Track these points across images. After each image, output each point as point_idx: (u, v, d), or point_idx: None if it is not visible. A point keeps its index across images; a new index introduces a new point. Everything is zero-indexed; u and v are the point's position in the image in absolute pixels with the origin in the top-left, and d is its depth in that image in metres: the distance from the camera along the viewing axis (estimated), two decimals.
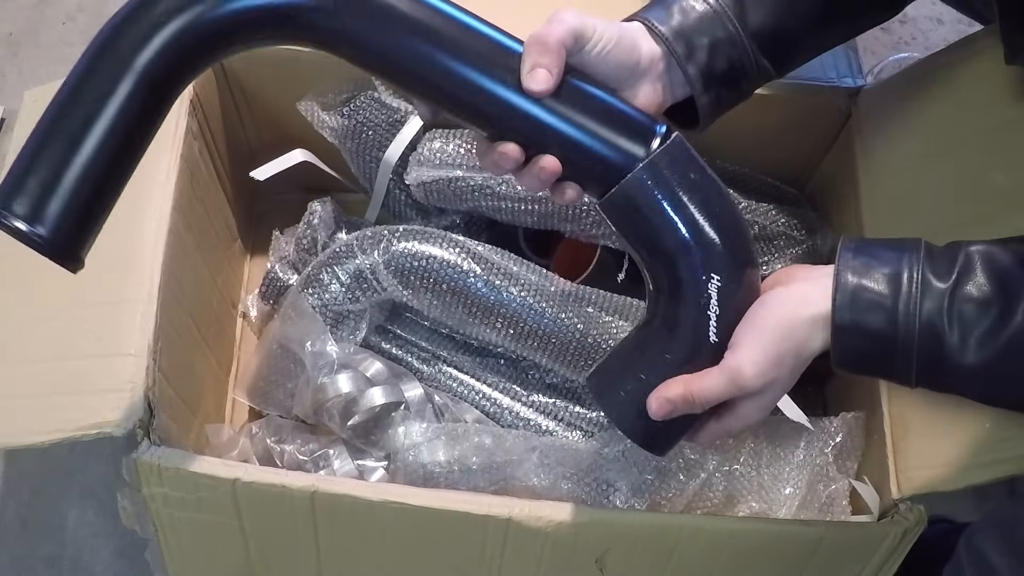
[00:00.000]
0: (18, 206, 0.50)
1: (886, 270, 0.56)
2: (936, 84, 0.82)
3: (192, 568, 0.77)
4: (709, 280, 0.58)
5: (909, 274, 0.56)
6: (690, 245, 0.57)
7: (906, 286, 0.56)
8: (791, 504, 0.78)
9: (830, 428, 0.79)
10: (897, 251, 0.57)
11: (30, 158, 0.51)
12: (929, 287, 0.56)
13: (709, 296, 0.58)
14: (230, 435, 0.86)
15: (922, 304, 0.55)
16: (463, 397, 0.87)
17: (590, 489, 0.77)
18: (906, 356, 0.56)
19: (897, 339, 0.56)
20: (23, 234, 0.51)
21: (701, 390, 0.57)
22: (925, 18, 1.38)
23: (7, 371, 0.70)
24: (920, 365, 0.56)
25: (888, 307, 0.56)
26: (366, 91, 0.90)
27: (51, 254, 0.52)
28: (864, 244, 0.59)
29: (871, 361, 0.58)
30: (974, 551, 0.58)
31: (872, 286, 0.56)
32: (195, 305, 0.83)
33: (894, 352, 0.56)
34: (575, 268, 0.88)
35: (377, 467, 0.85)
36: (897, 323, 0.56)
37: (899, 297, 0.56)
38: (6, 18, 1.33)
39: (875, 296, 0.56)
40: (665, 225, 0.57)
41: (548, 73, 0.56)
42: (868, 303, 0.56)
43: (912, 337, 0.55)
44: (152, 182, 0.78)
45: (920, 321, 0.55)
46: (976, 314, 0.55)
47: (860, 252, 0.58)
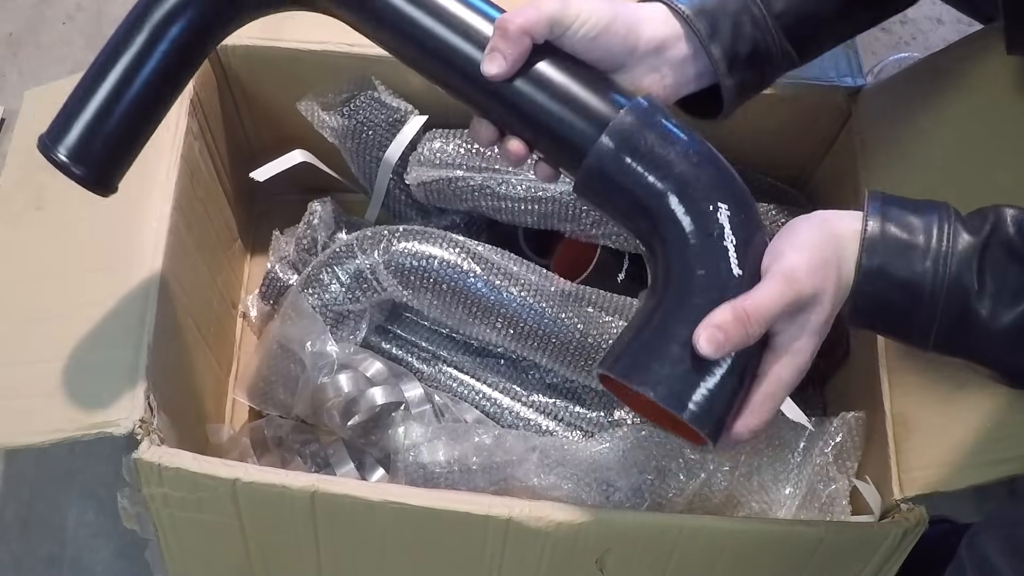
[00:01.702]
0: (64, 146, 0.59)
1: (917, 219, 0.54)
2: (936, 84, 0.82)
3: (192, 568, 0.77)
4: (717, 209, 0.55)
5: (940, 225, 0.54)
6: (688, 179, 0.55)
7: (936, 235, 0.54)
8: (791, 504, 0.78)
9: (830, 428, 0.78)
10: (928, 204, 0.56)
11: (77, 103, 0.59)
12: (960, 238, 0.53)
13: (722, 226, 0.55)
14: (230, 435, 0.86)
15: (953, 257, 0.53)
16: (463, 397, 0.87)
17: (590, 489, 0.76)
18: (931, 309, 0.54)
19: (924, 290, 0.53)
20: (67, 168, 0.59)
21: (755, 303, 0.52)
22: (925, 18, 1.38)
23: (7, 371, 0.70)
24: (944, 321, 0.54)
25: (919, 255, 0.53)
26: (366, 91, 0.90)
27: (88, 187, 0.60)
28: (892, 196, 0.56)
29: (891, 312, 0.55)
30: (976, 552, 0.58)
31: (901, 233, 0.54)
32: (195, 305, 0.83)
33: (918, 305, 0.54)
34: (575, 268, 0.88)
35: (377, 467, 0.85)
36: (926, 272, 0.53)
37: (930, 246, 0.53)
38: (6, 18, 1.34)
39: (905, 243, 0.53)
40: (656, 167, 0.55)
41: (503, 59, 0.55)
42: (898, 247, 0.53)
43: (940, 290, 0.53)
44: (152, 182, 0.78)
45: (950, 272, 0.53)
46: (1007, 270, 0.53)
47: (889, 201, 0.55)
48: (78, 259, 0.75)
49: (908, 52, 1.31)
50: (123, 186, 0.78)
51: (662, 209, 0.56)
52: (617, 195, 0.57)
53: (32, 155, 0.81)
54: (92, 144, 0.59)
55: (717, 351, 0.51)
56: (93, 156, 0.59)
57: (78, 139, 0.59)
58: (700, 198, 0.56)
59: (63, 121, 0.59)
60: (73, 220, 0.77)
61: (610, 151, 0.56)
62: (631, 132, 0.56)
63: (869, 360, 0.79)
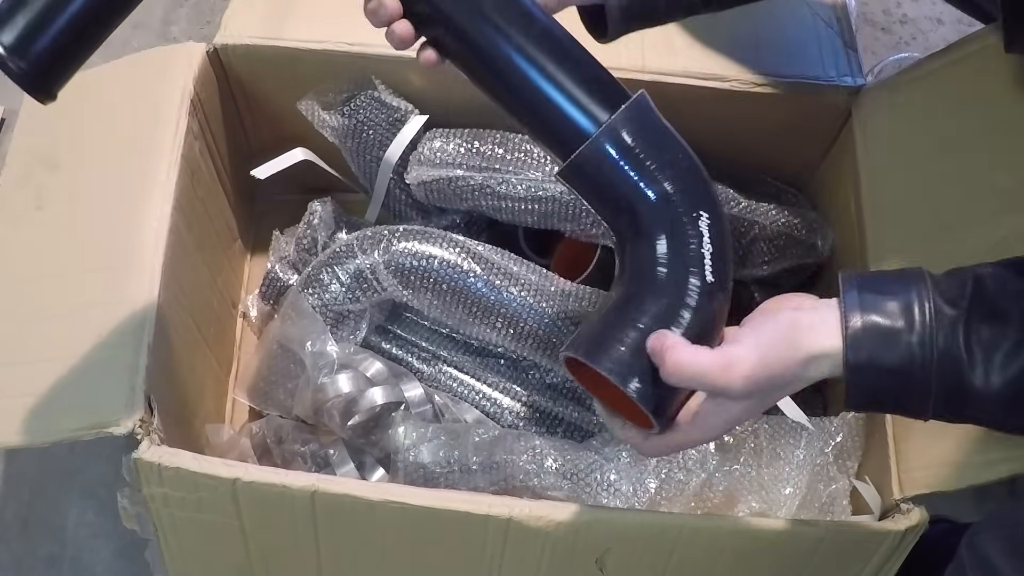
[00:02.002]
0: (5, 36, 0.52)
1: (895, 303, 0.54)
2: (936, 84, 0.82)
3: (192, 568, 0.77)
4: (699, 217, 0.56)
5: (920, 304, 0.54)
6: (676, 185, 0.56)
7: (919, 316, 0.54)
8: (791, 504, 0.78)
9: (830, 428, 0.78)
10: (902, 282, 0.55)
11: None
12: (942, 314, 0.53)
13: (702, 233, 0.56)
14: (230, 435, 0.86)
15: (938, 333, 0.53)
16: (463, 397, 0.87)
17: (590, 489, 0.76)
18: (924, 388, 0.54)
19: (915, 372, 0.53)
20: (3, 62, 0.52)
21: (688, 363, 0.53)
22: (925, 18, 1.38)
23: (7, 371, 0.70)
24: (939, 396, 0.54)
25: (904, 340, 0.53)
26: (366, 90, 0.90)
27: (26, 87, 0.54)
28: (866, 279, 0.56)
29: (886, 397, 0.55)
30: (976, 552, 0.58)
31: (883, 321, 0.54)
32: (195, 305, 0.83)
33: (911, 385, 0.54)
34: (575, 268, 0.88)
35: (377, 467, 0.85)
36: (914, 356, 0.53)
37: (913, 329, 0.53)
38: None
39: (888, 330, 0.54)
40: (647, 169, 0.56)
41: None
42: (882, 339, 0.54)
43: (931, 368, 0.53)
44: (152, 182, 0.78)
45: (938, 350, 0.53)
46: (993, 334, 0.53)
47: (864, 287, 0.55)
48: (78, 259, 0.75)
49: (908, 52, 1.31)
50: (123, 186, 0.79)
51: (648, 210, 0.57)
52: (603, 190, 0.58)
53: (32, 155, 0.81)
54: (37, 39, 0.53)
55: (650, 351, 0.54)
56: (36, 53, 0.53)
57: (23, 30, 0.53)
58: (686, 204, 0.57)
59: (8, 9, 0.53)
60: (73, 220, 0.77)
61: (602, 149, 0.56)
62: (625, 132, 0.57)
63: None
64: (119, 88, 0.84)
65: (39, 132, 0.83)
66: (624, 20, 0.65)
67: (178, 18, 1.34)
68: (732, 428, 0.58)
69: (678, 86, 0.86)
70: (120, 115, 0.82)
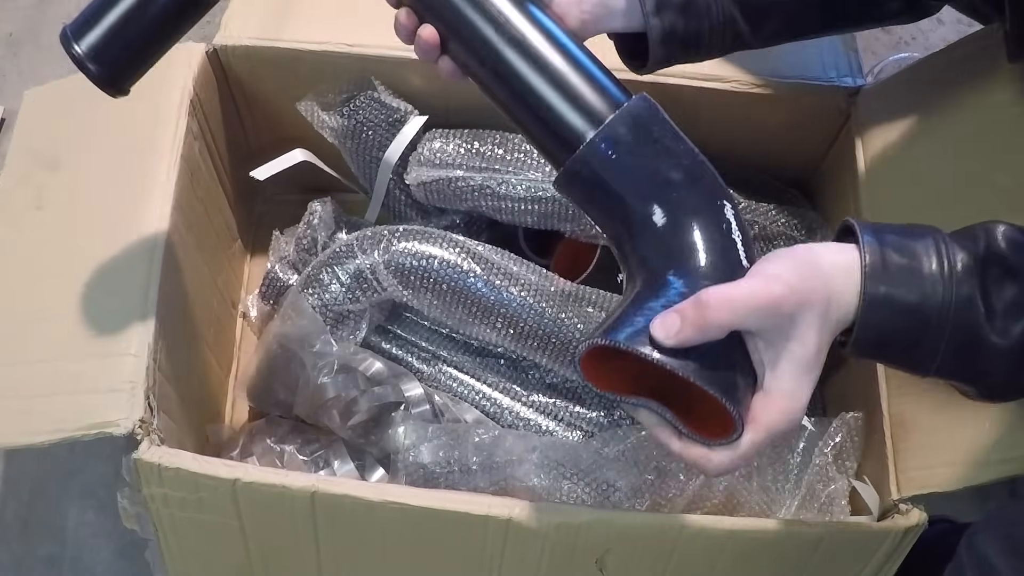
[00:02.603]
0: (84, 44, 0.61)
1: (914, 243, 0.52)
2: (936, 84, 0.82)
3: (192, 568, 0.77)
4: (724, 206, 0.55)
5: (937, 246, 0.52)
6: (695, 175, 0.55)
7: (936, 258, 0.52)
8: (791, 504, 0.78)
9: (829, 428, 0.78)
10: (918, 228, 0.54)
11: (103, 4, 0.61)
12: (959, 258, 0.52)
13: (729, 220, 0.54)
14: (230, 435, 0.86)
15: (957, 275, 0.51)
16: (463, 397, 0.87)
17: (590, 489, 0.76)
18: (937, 333, 0.52)
19: (931, 315, 0.51)
20: (82, 64, 0.62)
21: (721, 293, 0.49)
22: None
23: (7, 371, 0.70)
24: (950, 345, 0.52)
25: (923, 278, 0.51)
26: (366, 91, 0.90)
27: (101, 86, 0.63)
28: (880, 224, 0.54)
29: (897, 339, 0.53)
30: (975, 552, 0.58)
31: (902, 259, 0.52)
32: (195, 305, 0.83)
33: (927, 327, 0.52)
34: (575, 268, 0.88)
35: (377, 467, 0.85)
36: (933, 296, 0.51)
37: (932, 268, 0.51)
38: (6, 18, 1.33)
39: (908, 267, 0.51)
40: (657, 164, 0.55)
41: None
42: (901, 273, 0.51)
43: (948, 313, 0.51)
44: (152, 182, 0.78)
45: (956, 293, 0.51)
46: (1004, 287, 0.51)
47: (881, 229, 0.53)
48: (78, 259, 0.75)
49: (908, 52, 1.31)
50: (123, 186, 0.79)
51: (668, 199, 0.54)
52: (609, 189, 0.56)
53: (32, 155, 0.81)
54: (112, 46, 0.62)
55: (667, 336, 0.49)
56: (110, 58, 0.62)
57: (99, 39, 0.61)
58: (710, 191, 0.55)
59: (88, 18, 0.61)
60: (73, 220, 0.77)
61: (601, 152, 0.55)
62: (625, 131, 0.55)
63: (868, 360, 0.79)
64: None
65: (39, 132, 0.83)
66: (666, 46, 0.62)
67: None
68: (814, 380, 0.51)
69: (678, 87, 0.86)
70: (120, 115, 0.82)
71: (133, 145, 0.80)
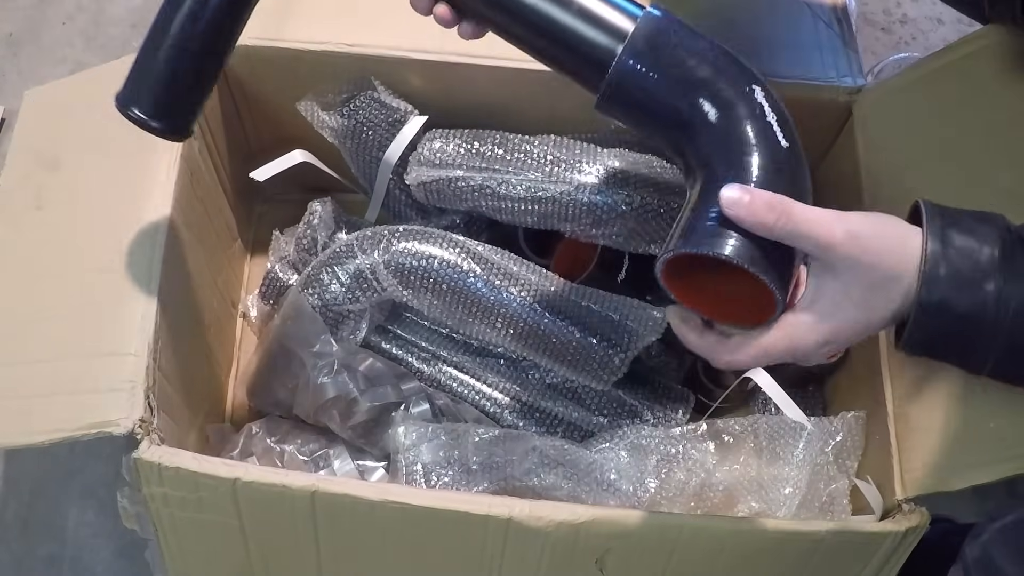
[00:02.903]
0: (141, 107, 0.65)
1: (977, 244, 0.52)
2: (936, 84, 0.82)
3: (192, 568, 0.77)
4: (753, 91, 0.56)
5: (1002, 250, 0.52)
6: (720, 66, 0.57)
7: (1000, 264, 0.51)
8: (791, 504, 0.78)
9: (830, 428, 0.78)
10: (986, 224, 0.53)
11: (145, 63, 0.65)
12: (1020, 262, 0.51)
13: (761, 104, 0.56)
14: (230, 435, 0.86)
15: (1016, 285, 0.51)
16: (463, 397, 0.87)
17: (590, 489, 0.76)
18: (991, 340, 0.52)
19: (984, 323, 0.51)
20: (146, 124, 0.65)
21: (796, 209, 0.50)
22: (925, 18, 1.38)
23: (7, 371, 0.70)
24: (1004, 352, 0.52)
25: (979, 285, 0.51)
26: (366, 91, 0.90)
27: (167, 137, 0.67)
28: (950, 213, 0.54)
29: (948, 344, 0.53)
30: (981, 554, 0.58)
31: (962, 264, 0.51)
32: (195, 305, 0.83)
33: (977, 336, 0.52)
34: (575, 268, 0.88)
35: (377, 467, 0.85)
36: (987, 305, 0.51)
37: (992, 274, 0.51)
38: (6, 18, 1.33)
39: (967, 275, 0.51)
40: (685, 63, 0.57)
41: None
42: (959, 281, 0.51)
43: (1003, 322, 0.51)
44: (152, 182, 0.78)
45: (1015, 305, 0.51)
46: None
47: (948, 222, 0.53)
48: (78, 259, 0.75)
49: (908, 52, 1.31)
50: (123, 186, 0.79)
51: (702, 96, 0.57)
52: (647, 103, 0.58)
53: (32, 155, 0.81)
54: (163, 100, 0.65)
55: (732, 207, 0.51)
56: (168, 110, 0.66)
57: (152, 97, 0.65)
58: (736, 80, 0.57)
59: (135, 81, 0.65)
60: (73, 220, 0.77)
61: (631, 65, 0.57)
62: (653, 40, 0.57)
63: (870, 359, 0.79)
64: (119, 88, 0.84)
65: (39, 132, 0.83)
66: None
67: None
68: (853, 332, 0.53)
69: None
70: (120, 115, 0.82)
71: (133, 145, 0.80)
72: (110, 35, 1.32)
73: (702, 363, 0.92)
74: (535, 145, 0.87)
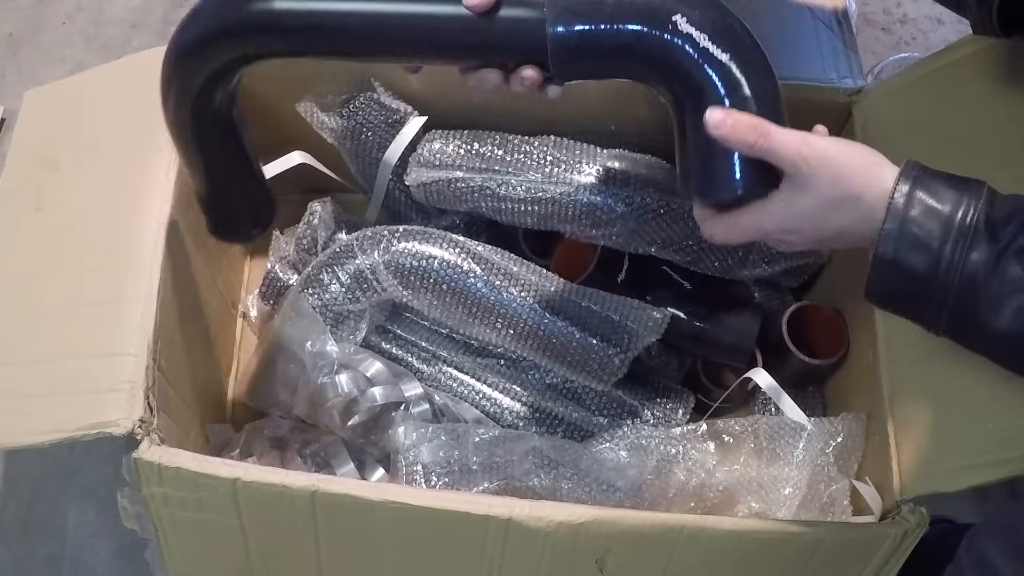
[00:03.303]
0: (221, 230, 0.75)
1: (941, 208, 0.54)
2: (936, 84, 0.82)
3: (192, 568, 0.77)
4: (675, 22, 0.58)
5: (963, 219, 0.54)
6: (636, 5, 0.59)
7: (956, 232, 0.53)
8: (791, 504, 0.78)
9: (830, 428, 0.78)
10: (958, 191, 0.55)
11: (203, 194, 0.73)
12: (980, 239, 0.53)
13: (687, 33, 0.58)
14: (230, 435, 0.86)
15: (968, 255, 0.53)
16: (463, 397, 0.87)
17: (590, 489, 0.76)
18: (940, 305, 0.54)
19: (935, 287, 0.54)
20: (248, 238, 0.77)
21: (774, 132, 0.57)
22: (925, 18, 1.38)
23: (7, 371, 0.70)
24: (952, 317, 0.54)
25: (934, 250, 0.53)
26: (365, 92, 0.90)
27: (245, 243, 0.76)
28: (926, 175, 0.56)
29: (903, 300, 0.56)
30: (976, 554, 0.58)
31: (923, 224, 0.54)
32: (195, 305, 0.83)
33: (929, 297, 0.54)
34: (575, 268, 0.88)
35: (377, 467, 0.85)
36: (939, 269, 0.53)
37: (947, 242, 0.53)
38: (6, 18, 1.33)
39: (923, 235, 0.54)
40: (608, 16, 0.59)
41: None
42: (914, 241, 0.54)
43: (951, 287, 0.53)
44: (152, 182, 0.78)
45: (962, 272, 0.53)
46: (1020, 279, 0.52)
47: (919, 183, 0.55)
48: (78, 259, 0.75)
49: (908, 52, 1.31)
50: (123, 186, 0.79)
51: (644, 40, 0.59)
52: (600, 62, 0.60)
53: (32, 155, 0.81)
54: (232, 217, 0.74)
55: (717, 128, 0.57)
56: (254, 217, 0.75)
57: (222, 220, 0.74)
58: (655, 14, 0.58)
59: (212, 214, 0.74)
60: (73, 220, 0.77)
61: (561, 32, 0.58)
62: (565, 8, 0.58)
63: (869, 360, 0.79)
64: (119, 88, 0.84)
65: (39, 132, 0.83)
66: None
67: (178, 18, 1.31)
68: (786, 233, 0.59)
69: None
70: (120, 115, 0.82)
71: (133, 145, 0.80)
72: (110, 35, 1.32)
73: (702, 363, 0.92)
74: (535, 146, 0.87)
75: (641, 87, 0.62)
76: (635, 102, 0.87)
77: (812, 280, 0.95)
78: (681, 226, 0.85)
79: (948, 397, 0.70)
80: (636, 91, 0.85)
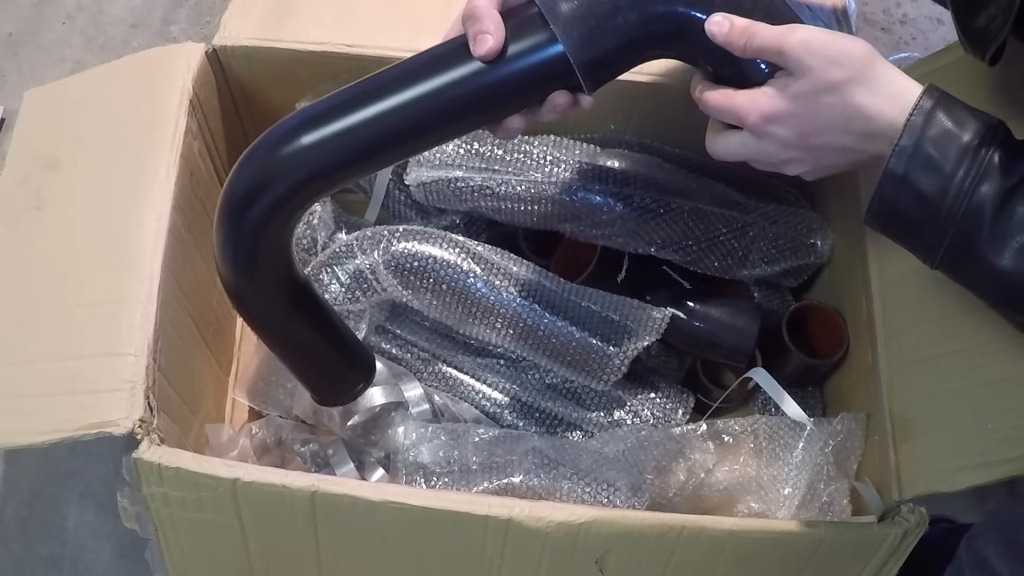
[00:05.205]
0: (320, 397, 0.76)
1: (960, 134, 0.53)
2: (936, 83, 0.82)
3: (192, 568, 0.77)
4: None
5: (978, 149, 0.53)
6: None
7: (971, 160, 0.53)
8: (791, 504, 0.78)
9: (830, 428, 0.78)
10: (980, 121, 0.54)
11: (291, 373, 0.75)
12: (992, 172, 0.52)
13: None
14: (230, 435, 0.86)
15: (979, 185, 0.52)
16: (463, 397, 0.87)
17: (590, 489, 0.77)
18: (941, 231, 0.53)
19: (940, 211, 0.53)
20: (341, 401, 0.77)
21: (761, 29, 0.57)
22: (925, 18, 1.38)
23: (7, 371, 0.70)
24: (950, 248, 0.54)
25: (945, 174, 0.53)
26: None
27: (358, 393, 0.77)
28: (948, 98, 0.55)
29: (904, 222, 0.55)
30: (975, 554, 0.58)
31: (940, 145, 0.53)
32: (195, 305, 0.83)
33: (931, 223, 0.53)
34: (575, 268, 0.88)
35: (377, 467, 0.85)
36: (947, 194, 0.53)
37: (960, 168, 0.53)
38: (6, 18, 1.33)
39: (938, 157, 0.53)
40: None
41: (488, 35, 0.57)
42: (928, 161, 0.53)
43: (955, 215, 0.53)
44: (152, 182, 0.78)
45: (970, 202, 0.52)
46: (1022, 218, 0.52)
47: (942, 104, 0.54)
48: (78, 259, 0.75)
49: (908, 52, 1.31)
50: (123, 186, 0.79)
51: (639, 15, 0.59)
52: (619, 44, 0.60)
53: (32, 155, 0.81)
54: (322, 385, 0.75)
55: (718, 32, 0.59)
56: (343, 386, 0.75)
57: (318, 389, 0.75)
58: None
59: (315, 389, 0.75)
60: (73, 220, 0.77)
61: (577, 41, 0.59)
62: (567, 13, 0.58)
63: (869, 360, 0.79)
64: (119, 88, 0.84)
65: (39, 132, 0.83)
66: None
67: (178, 18, 1.34)
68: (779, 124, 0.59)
69: (678, 89, 0.86)
70: (120, 115, 0.82)
71: (133, 145, 0.80)
72: (110, 35, 1.32)
73: (702, 363, 0.92)
74: (535, 146, 0.87)
75: (641, 88, 0.62)
76: (635, 102, 0.87)
77: (812, 280, 0.95)
78: (681, 226, 0.85)
79: (948, 397, 0.70)
80: (636, 91, 0.85)
